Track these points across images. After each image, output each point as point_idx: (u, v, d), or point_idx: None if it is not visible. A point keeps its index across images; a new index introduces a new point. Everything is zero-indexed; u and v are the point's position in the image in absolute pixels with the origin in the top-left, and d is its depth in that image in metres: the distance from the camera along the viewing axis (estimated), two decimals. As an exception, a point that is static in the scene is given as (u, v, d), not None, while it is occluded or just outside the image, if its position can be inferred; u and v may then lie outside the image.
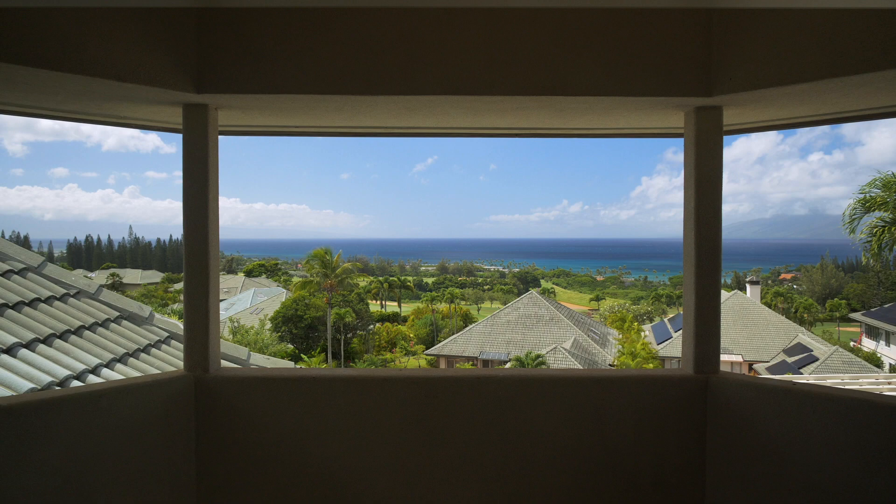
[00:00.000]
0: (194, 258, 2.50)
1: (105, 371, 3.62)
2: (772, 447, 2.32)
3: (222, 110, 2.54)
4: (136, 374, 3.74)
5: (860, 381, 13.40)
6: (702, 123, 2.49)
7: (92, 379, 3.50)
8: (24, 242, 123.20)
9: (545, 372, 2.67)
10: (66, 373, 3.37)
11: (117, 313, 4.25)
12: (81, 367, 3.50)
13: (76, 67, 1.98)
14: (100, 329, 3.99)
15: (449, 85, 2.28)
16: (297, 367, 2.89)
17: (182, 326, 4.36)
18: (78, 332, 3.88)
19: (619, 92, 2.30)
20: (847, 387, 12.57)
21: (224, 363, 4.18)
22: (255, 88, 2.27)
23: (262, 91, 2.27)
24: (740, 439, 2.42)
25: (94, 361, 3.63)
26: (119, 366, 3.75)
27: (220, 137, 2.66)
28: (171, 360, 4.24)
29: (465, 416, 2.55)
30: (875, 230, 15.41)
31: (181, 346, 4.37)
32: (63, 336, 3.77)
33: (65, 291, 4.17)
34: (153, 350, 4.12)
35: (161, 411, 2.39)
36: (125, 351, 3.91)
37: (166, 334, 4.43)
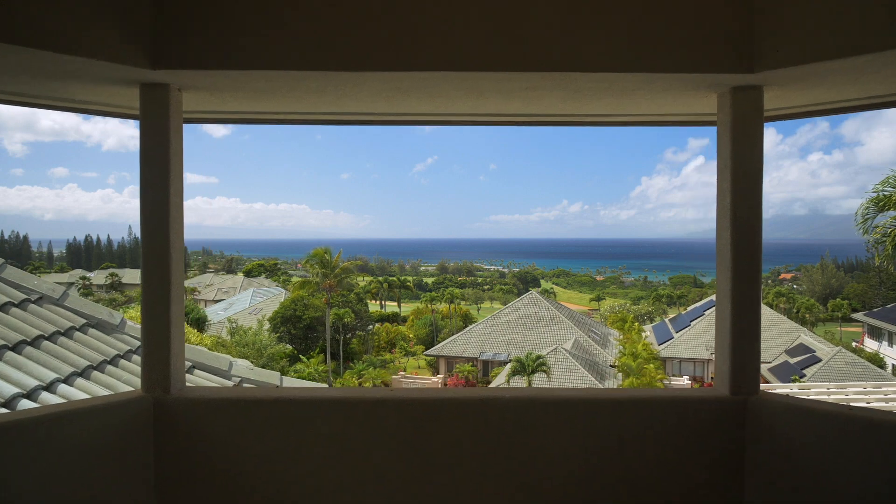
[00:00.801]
0: (154, 261, 2.19)
1: (62, 387, 3.26)
2: (824, 482, 2.01)
3: (187, 92, 2.22)
4: (100, 389, 3.39)
5: (883, 388, 13.05)
6: (739, 106, 2.15)
7: (46, 397, 3.14)
8: (23, 242, 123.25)
9: (558, 392, 2.32)
10: (14, 390, 3.01)
11: (84, 321, 3.89)
12: (34, 383, 3.14)
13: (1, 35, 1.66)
14: (62, 339, 3.63)
15: (447, 60, 1.97)
16: (276, 386, 2.56)
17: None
18: (35, 342, 3.52)
19: (644, 68, 1.97)
20: None
21: (198, 376, 3.83)
22: (222, 63, 1.96)
23: (230, 66, 1.97)
24: (785, 472, 2.11)
25: (51, 376, 3.26)
26: (80, 380, 3.39)
27: (189, 126, 2.33)
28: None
29: (467, 444, 2.26)
30: (890, 231, 14.93)
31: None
32: (17, 347, 3.39)
33: (24, 297, 3.81)
34: (122, 361, 3.75)
35: (114, 439, 2.09)
36: (88, 363, 3.55)
37: (138, 343, 4.05)
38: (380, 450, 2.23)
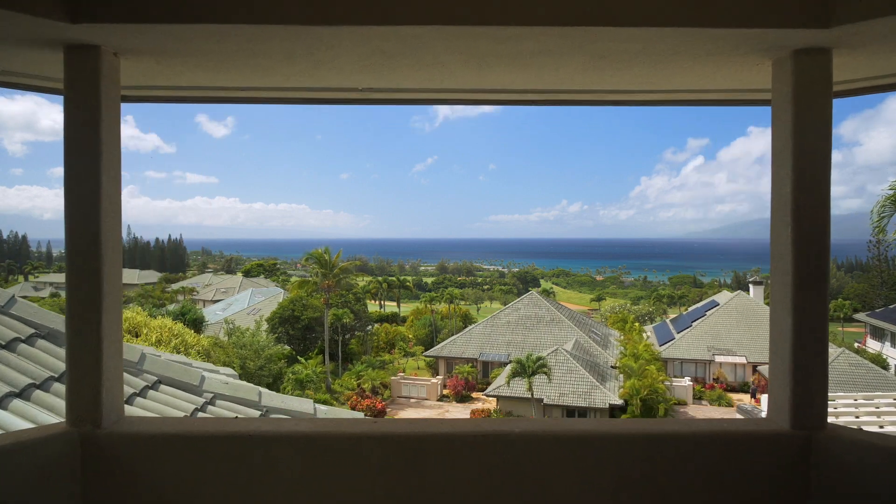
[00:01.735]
0: (80, 266, 1.78)
1: (-3, 410, 2.83)
2: None
3: (127, 59, 1.81)
4: (43, 414, 2.96)
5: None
6: (803, 74, 1.72)
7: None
8: (22, 242, 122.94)
9: (576, 425, 1.90)
10: (-66, 416, 2.58)
11: (32, 330, 3.46)
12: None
13: None
14: (1, 352, 3.20)
15: (437, 11, 1.56)
16: (234, 418, 2.11)
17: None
18: (-29, 357, 3.08)
19: (688, 21, 1.55)
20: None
21: (164, 393, 3.40)
22: (161, 16, 1.55)
23: (172, 20, 1.55)
24: None
25: (-16, 397, 2.83)
26: (16, 402, 2.95)
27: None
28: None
29: (468, 490, 1.85)
30: None
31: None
32: (-53, 364, 2.96)
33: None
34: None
35: (32, 484, 1.71)
36: (31, 381, 3.11)
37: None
38: (361, 496, 1.82)
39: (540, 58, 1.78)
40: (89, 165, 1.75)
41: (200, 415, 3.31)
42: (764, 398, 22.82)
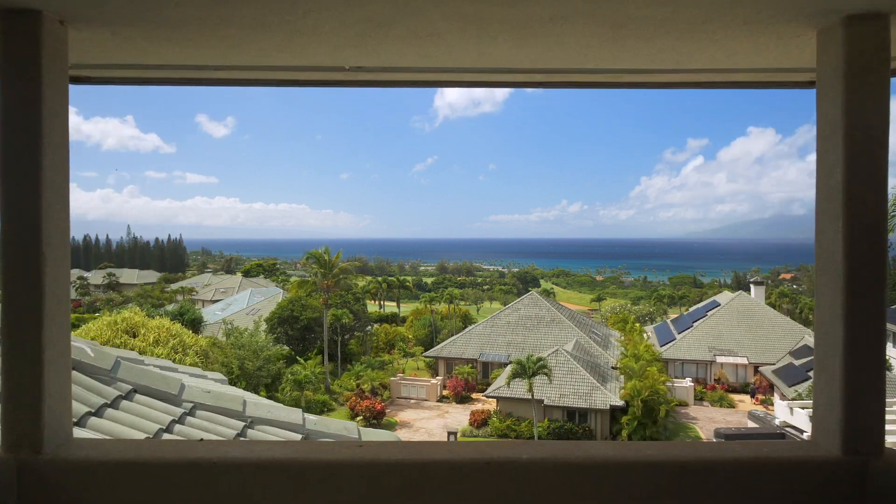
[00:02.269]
0: (17, 268, 1.53)
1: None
2: None
3: (75, 28, 1.58)
4: None
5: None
6: (855, 43, 1.48)
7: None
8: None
9: (593, 450, 1.65)
10: None
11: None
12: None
13: None
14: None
15: None
16: (198, 441, 1.84)
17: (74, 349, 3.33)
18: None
19: None
20: None
21: (139, 402, 3.15)
22: None
23: None
24: None
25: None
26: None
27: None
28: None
29: None
30: None
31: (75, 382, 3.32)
32: None
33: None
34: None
35: None
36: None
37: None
38: None
39: (550, 26, 1.54)
40: (29, 150, 1.51)
41: (177, 427, 3.07)
42: (782, 405, 22.41)
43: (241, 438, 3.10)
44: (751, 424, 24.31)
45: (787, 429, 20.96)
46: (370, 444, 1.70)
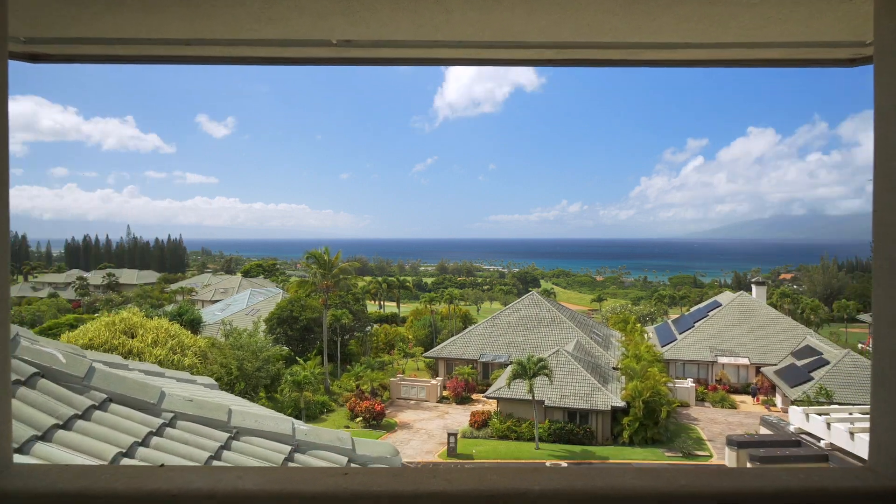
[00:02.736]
0: None
1: None
2: None
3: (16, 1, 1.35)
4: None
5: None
6: None
7: None
8: (21, 242, 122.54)
9: (619, 480, 1.40)
10: None
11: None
12: None
13: None
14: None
15: None
16: (160, 466, 1.60)
17: (60, 355, 3.12)
18: None
19: None
20: None
21: (114, 413, 2.95)
22: None
23: None
24: None
25: None
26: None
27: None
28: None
29: None
30: None
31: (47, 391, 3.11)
32: None
33: None
34: None
35: None
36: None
37: (32, 371, 3.12)
38: None
39: None
40: None
41: (154, 440, 2.87)
42: (797, 410, 22.02)
43: (211, 464, 2.89)
44: (763, 431, 23.94)
45: (803, 436, 20.65)
46: (356, 472, 1.49)
